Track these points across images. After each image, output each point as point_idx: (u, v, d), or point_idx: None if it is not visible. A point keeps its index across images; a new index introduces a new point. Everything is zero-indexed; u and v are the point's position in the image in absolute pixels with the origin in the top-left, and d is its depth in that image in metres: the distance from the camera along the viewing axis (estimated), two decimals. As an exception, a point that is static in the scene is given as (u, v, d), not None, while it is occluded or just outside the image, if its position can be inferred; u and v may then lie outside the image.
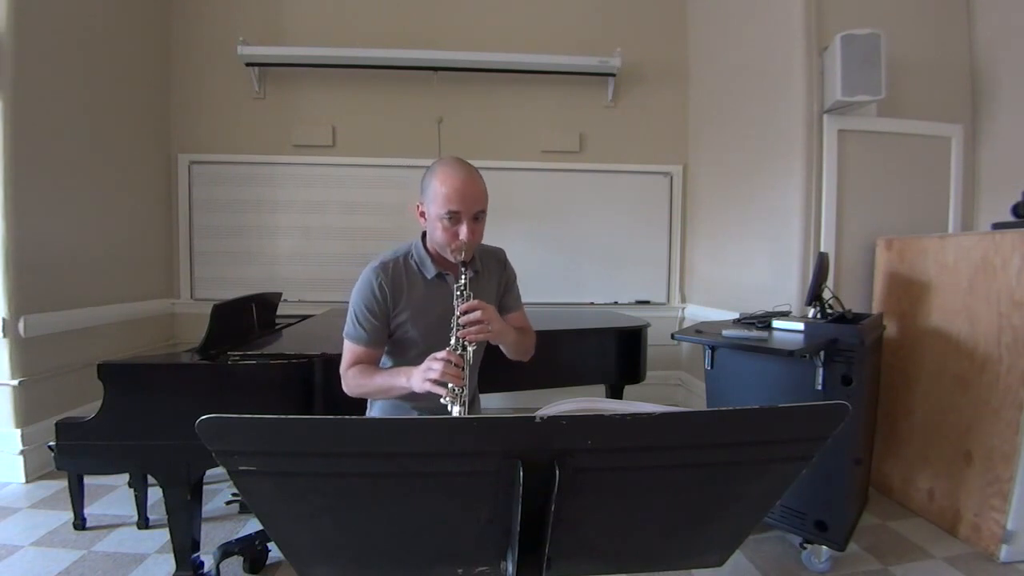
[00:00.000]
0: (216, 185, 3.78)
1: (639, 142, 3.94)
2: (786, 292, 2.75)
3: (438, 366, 1.14)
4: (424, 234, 1.41)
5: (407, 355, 1.39)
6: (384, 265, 1.37)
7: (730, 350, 2.14)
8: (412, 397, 1.32)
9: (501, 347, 1.42)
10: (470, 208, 1.27)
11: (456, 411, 1.12)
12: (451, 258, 1.30)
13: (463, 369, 1.15)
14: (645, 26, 3.92)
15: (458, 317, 1.20)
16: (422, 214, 1.36)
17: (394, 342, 1.41)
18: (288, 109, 3.79)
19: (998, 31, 2.75)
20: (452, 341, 1.19)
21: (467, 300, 1.22)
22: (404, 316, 1.36)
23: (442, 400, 1.14)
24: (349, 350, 1.38)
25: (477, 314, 1.19)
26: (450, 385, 1.14)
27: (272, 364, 1.82)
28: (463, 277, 1.24)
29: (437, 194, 1.27)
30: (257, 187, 3.77)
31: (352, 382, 1.36)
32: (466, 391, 1.14)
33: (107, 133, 3.18)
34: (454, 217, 1.26)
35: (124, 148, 3.33)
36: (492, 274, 1.47)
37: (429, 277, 1.38)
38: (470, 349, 1.19)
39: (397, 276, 1.36)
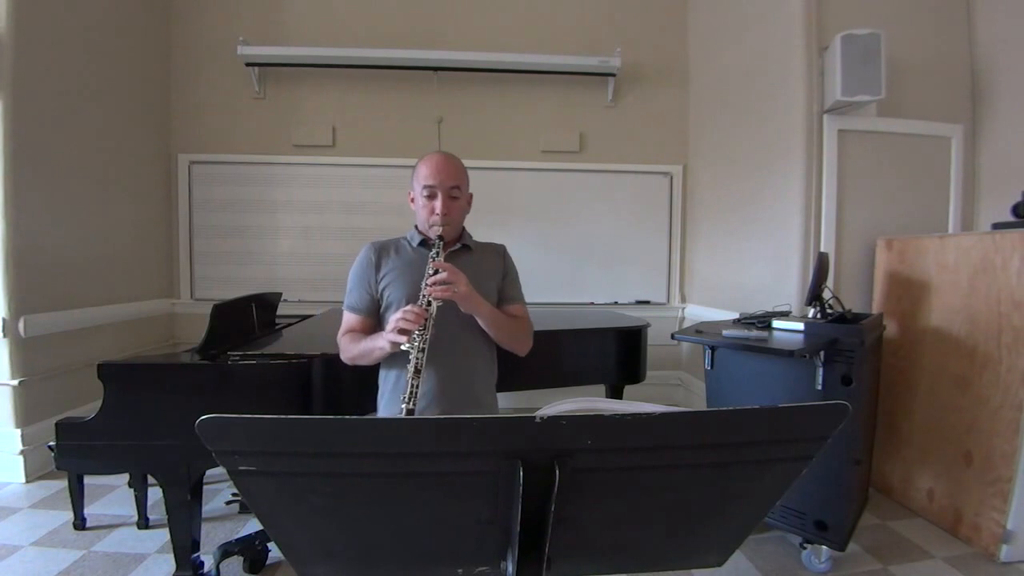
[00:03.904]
0: (216, 185, 3.77)
1: (639, 142, 3.94)
2: (786, 292, 2.75)
3: (399, 314, 1.30)
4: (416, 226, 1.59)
5: None
6: (375, 242, 1.58)
7: (730, 350, 2.14)
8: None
9: (488, 331, 1.47)
10: (444, 182, 1.45)
11: (413, 355, 1.25)
12: (431, 234, 1.46)
13: (426, 321, 1.28)
14: (645, 26, 3.92)
15: (427, 278, 1.34)
16: (412, 200, 1.55)
17: (385, 311, 1.51)
18: (288, 109, 3.79)
19: (998, 31, 2.75)
20: (420, 299, 1.34)
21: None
22: (389, 278, 1.50)
23: (403, 347, 1.27)
24: (344, 319, 1.54)
25: (443, 275, 1.33)
26: (414, 333, 1.26)
27: (272, 364, 1.82)
28: (436, 248, 1.42)
29: (418, 174, 1.49)
30: (257, 187, 3.77)
31: (344, 346, 1.50)
32: (427, 337, 1.27)
33: (107, 133, 3.18)
34: (431, 192, 1.46)
35: (124, 148, 3.33)
36: (490, 263, 1.58)
37: (414, 245, 1.56)
38: (434, 304, 1.32)
39: (386, 248, 1.57)
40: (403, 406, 1.22)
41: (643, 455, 0.64)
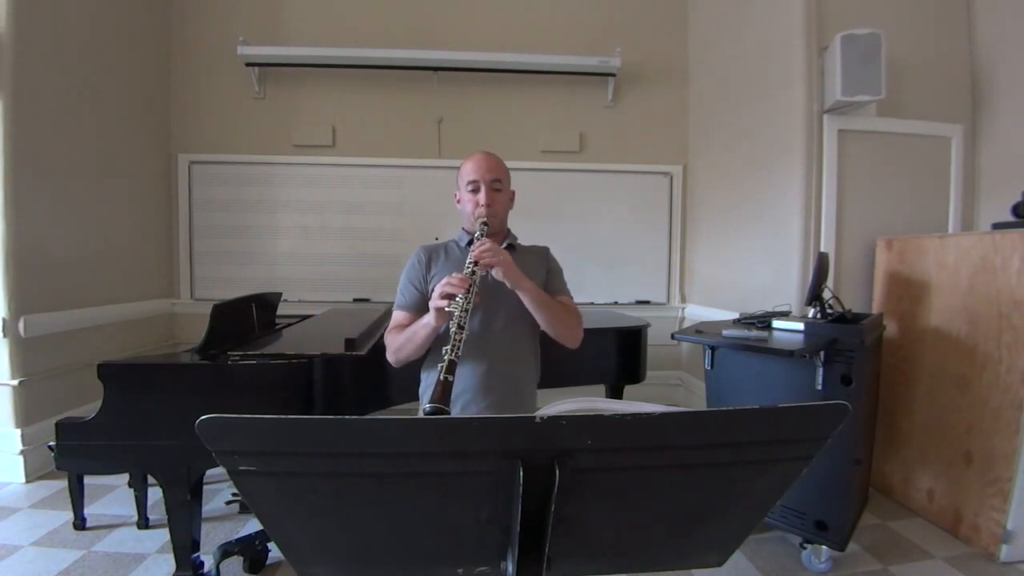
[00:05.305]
0: (216, 185, 3.77)
1: (639, 142, 3.94)
2: (786, 292, 2.75)
3: (443, 280, 1.34)
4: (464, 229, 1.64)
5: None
6: (426, 245, 1.63)
7: (730, 350, 2.14)
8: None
9: (535, 313, 1.48)
10: (486, 176, 1.52)
11: (457, 313, 1.28)
12: (476, 225, 1.51)
13: (470, 287, 1.31)
14: (645, 26, 3.92)
15: (472, 255, 1.39)
16: (458, 201, 1.59)
17: None
18: (288, 109, 3.79)
19: (998, 31, 2.75)
20: (464, 271, 1.37)
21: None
22: (438, 278, 1.50)
23: (447, 308, 1.31)
24: (393, 318, 1.56)
25: (486, 244, 1.39)
26: (457, 298, 1.30)
27: (272, 364, 1.82)
28: (480, 233, 1.47)
29: (462, 174, 1.56)
30: (257, 187, 3.77)
31: (389, 339, 1.52)
32: (470, 299, 1.30)
33: (107, 133, 3.18)
34: (474, 186, 1.52)
35: (124, 148, 3.33)
36: (534, 263, 1.63)
37: (463, 245, 1.61)
38: (478, 273, 1.36)
39: (436, 250, 1.62)
40: (446, 357, 1.22)
41: (643, 455, 0.64)
